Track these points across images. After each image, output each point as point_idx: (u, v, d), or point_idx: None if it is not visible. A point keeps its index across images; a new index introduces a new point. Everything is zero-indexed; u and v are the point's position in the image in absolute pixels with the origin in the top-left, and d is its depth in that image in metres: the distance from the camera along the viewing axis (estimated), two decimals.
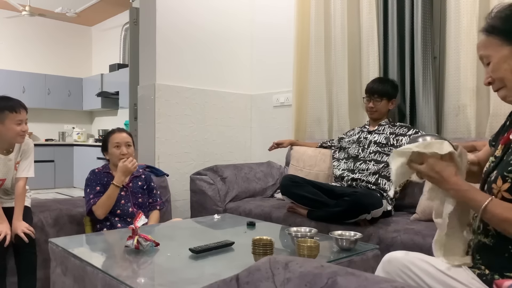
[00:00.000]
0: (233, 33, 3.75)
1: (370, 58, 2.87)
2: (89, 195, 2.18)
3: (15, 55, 7.20)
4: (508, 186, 1.03)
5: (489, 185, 1.10)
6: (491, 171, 1.13)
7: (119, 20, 7.19)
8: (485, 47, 1.13)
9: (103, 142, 2.30)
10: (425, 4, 2.59)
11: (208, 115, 3.55)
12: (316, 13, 3.18)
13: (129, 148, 2.25)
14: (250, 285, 0.72)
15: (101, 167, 2.31)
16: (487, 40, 1.13)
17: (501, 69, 1.10)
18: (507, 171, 1.05)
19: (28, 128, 2.12)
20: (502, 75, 1.10)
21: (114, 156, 2.23)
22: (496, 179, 1.07)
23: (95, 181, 2.22)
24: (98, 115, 8.04)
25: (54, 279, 1.62)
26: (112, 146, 2.23)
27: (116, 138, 2.25)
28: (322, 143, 2.93)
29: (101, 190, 2.18)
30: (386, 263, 1.16)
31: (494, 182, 1.07)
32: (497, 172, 1.08)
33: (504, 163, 1.08)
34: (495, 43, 1.11)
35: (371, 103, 2.57)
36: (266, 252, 1.36)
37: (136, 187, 2.29)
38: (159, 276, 1.34)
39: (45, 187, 6.79)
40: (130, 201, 2.23)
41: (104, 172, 2.26)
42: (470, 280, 1.03)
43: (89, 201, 2.17)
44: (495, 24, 1.11)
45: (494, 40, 1.11)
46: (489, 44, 1.12)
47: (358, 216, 2.09)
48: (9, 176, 2.15)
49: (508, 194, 1.03)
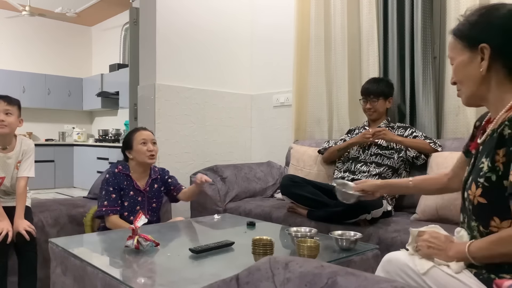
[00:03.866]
0: (233, 33, 3.75)
1: (370, 58, 2.87)
2: (104, 200, 2.09)
3: (15, 55, 7.20)
4: (481, 191, 1.05)
5: (466, 192, 1.12)
6: (467, 178, 1.15)
7: (119, 20, 7.19)
8: (451, 49, 1.18)
9: (126, 141, 2.22)
10: (425, 4, 2.59)
11: (208, 115, 3.55)
12: (316, 13, 3.18)
13: (154, 145, 2.21)
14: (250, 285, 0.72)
15: (121, 166, 2.20)
16: (453, 43, 1.17)
17: (459, 73, 1.15)
18: (479, 176, 1.06)
19: (8, 120, 2.06)
20: (460, 78, 1.16)
21: (140, 153, 2.16)
22: (470, 186, 1.09)
23: (112, 185, 2.12)
24: (98, 115, 8.04)
25: (54, 279, 1.62)
26: (138, 143, 2.16)
27: (142, 135, 2.19)
28: (323, 148, 2.82)
29: (117, 197, 2.11)
30: (386, 263, 1.16)
31: (469, 189, 1.09)
32: (471, 179, 1.10)
33: (476, 169, 1.10)
34: (459, 46, 1.15)
35: (368, 104, 2.57)
36: (266, 252, 1.36)
37: (152, 191, 2.24)
38: (159, 276, 1.34)
39: (45, 187, 6.79)
40: (145, 207, 2.20)
41: (124, 174, 2.17)
42: (469, 279, 1.03)
43: (101, 208, 2.08)
44: (461, 29, 1.15)
45: (458, 44, 1.15)
46: (454, 47, 1.17)
47: (358, 216, 2.09)
48: (8, 175, 2.16)
49: (483, 199, 1.05)
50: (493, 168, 1.03)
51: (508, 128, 1.01)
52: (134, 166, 2.20)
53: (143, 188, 2.20)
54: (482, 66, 1.09)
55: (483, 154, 1.10)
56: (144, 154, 2.16)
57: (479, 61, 1.10)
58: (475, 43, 1.10)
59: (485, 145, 1.11)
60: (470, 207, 1.10)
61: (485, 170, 1.06)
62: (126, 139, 2.23)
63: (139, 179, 2.21)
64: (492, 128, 1.11)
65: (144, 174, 2.23)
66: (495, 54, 1.07)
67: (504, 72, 1.08)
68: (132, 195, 2.16)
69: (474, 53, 1.11)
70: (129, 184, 2.16)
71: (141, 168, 2.21)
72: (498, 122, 1.09)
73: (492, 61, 1.08)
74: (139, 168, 2.20)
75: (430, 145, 2.36)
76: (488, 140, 1.11)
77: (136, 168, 2.20)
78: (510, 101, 1.08)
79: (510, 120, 1.01)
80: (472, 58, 1.11)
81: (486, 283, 1.02)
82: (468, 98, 1.17)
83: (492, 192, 1.04)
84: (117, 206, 2.10)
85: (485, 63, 1.08)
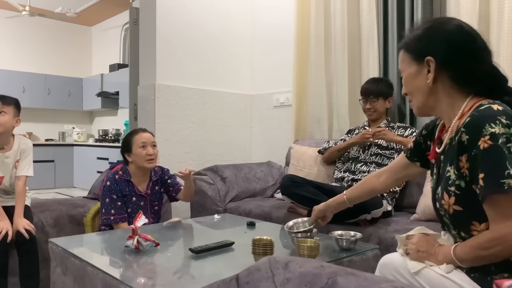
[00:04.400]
0: (233, 33, 3.75)
1: (370, 58, 2.87)
2: (110, 209, 2.04)
3: (15, 55, 7.20)
4: (454, 200, 1.06)
5: (439, 202, 1.12)
6: (436, 188, 1.16)
7: (119, 20, 7.19)
8: (401, 61, 1.22)
9: (125, 143, 2.15)
10: (425, 4, 2.59)
11: (208, 115, 3.55)
12: (316, 13, 3.18)
13: (154, 148, 2.15)
14: (250, 285, 0.72)
15: (120, 171, 2.14)
16: (402, 55, 1.21)
17: (408, 85, 1.19)
18: (448, 185, 1.07)
19: (2, 120, 2.07)
20: (409, 90, 1.20)
21: (140, 157, 2.09)
22: (442, 195, 1.10)
23: (116, 193, 2.07)
24: (98, 115, 8.04)
25: (54, 279, 1.62)
26: (137, 147, 2.09)
27: (142, 137, 2.12)
28: (323, 148, 2.83)
29: (122, 204, 2.07)
30: (382, 266, 1.18)
31: (442, 199, 1.10)
32: (441, 188, 1.11)
33: (443, 178, 1.11)
34: (407, 59, 1.18)
35: (368, 104, 2.57)
36: (266, 252, 1.36)
37: (154, 193, 2.22)
38: (159, 276, 1.34)
39: (45, 187, 6.79)
40: (148, 210, 2.18)
41: (125, 180, 2.12)
42: (461, 277, 1.04)
43: (110, 217, 2.04)
44: (409, 42, 1.18)
45: (406, 56, 1.18)
46: (403, 59, 1.20)
47: (358, 216, 2.09)
48: (7, 174, 2.16)
49: (458, 206, 1.06)
50: (460, 175, 1.05)
51: (465, 134, 1.02)
52: (134, 170, 2.15)
53: (145, 192, 2.17)
54: (429, 78, 1.12)
55: (446, 163, 1.11)
56: (143, 158, 2.10)
57: (426, 73, 1.13)
58: (421, 56, 1.13)
59: (446, 154, 1.13)
60: (447, 216, 1.10)
61: (453, 178, 1.07)
62: (125, 142, 2.16)
63: (140, 183, 2.17)
64: (449, 137, 1.13)
65: (144, 178, 2.19)
66: (441, 66, 1.11)
67: (451, 82, 1.11)
68: (135, 201, 2.13)
69: (421, 65, 1.14)
70: (131, 190, 2.12)
71: (141, 171, 2.16)
72: (454, 130, 1.10)
73: (438, 73, 1.12)
74: (139, 172, 2.15)
75: None
76: (448, 148, 1.12)
77: (136, 172, 2.15)
78: (459, 108, 1.10)
79: (465, 126, 1.03)
80: (419, 70, 1.15)
81: (478, 281, 1.02)
82: (419, 108, 1.20)
83: (465, 198, 1.04)
84: (125, 213, 2.08)
85: (431, 75, 1.12)
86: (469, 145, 1.01)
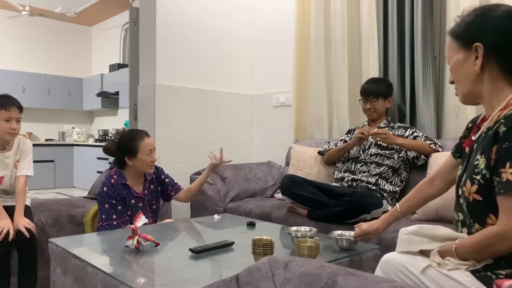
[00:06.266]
0: (233, 33, 3.75)
1: (370, 58, 2.87)
2: (112, 214, 2.02)
3: (15, 55, 7.20)
4: (476, 188, 1.06)
5: (461, 189, 1.13)
6: (462, 175, 1.16)
7: (119, 20, 7.19)
8: (448, 49, 1.21)
9: (128, 148, 2.07)
10: (425, 4, 2.59)
11: (208, 115, 3.55)
12: (316, 13, 3.18)
13: (155, 153, 2.15)
14: (250, 285, 0.72)
15: (115, 175, 2.10)
16: (450, 43, 1.20)
17: (455, 72, 1.19)
18: (474, 173, 1.08)
19: (19, 128, 2.11)
20: (456, 77, 1.19)
21: (145, 163, 2.08)
22: (465, 182, 1.10)
23: (114, 197, 2.04)
24: (98, 115, 8.04)
25: (54, 279, 1.62)
26: (144, 154, 2.06)
27: (149, 144, 2.08)
28: (323, 149, 2.83)
29: (123, 208, 2.06)
30: (384, 264, 1.17)
31: (464, 186, 1.10)
32: (466, 175, 1.11)
33: (471, 166, 1.11)
34: (455, 46, 1.18)
35: (368, 104, 2.57)
36: (266, 252, 1.36)
37: (150, 193, 2.21)
38: (159, 276, 1.34)
39: (45, 187, 6.79)
40: (147, 211, 2.18)
41: (121, 184, 2.09)
42: (465, 277, 1.04)
43: (112, 222, 2.02)
44: (457, 29, 1.18)
45: (454, 43, 1.18)
46: (450, 47, 1.20)
47: (358, 216, 2.09)
48: (7, 174, 2.16)
49: (478, 196, 1.06)
50: (489, 165, 1.05)
51: (503, 126, 1.02)
52: (131, 173, 2.12)
53: (142, 192, 2.16)
54: (476, 64, 1.11)
55: (477, 151, 1.11)
56: (147, 165, 2.09)
57: (474, 60, 1.12)
58: (469, 43, 1.12)
59: (480, 143, 1.13)
60: (465, 204, 1.10)
61: (481, 167, 1.06)
62: (128, 146, 2.08)
63: (136, 184, 2.15)
64: (487, 126, 1.12)
65: (140, 179, 2.18)
66: (489, 53, 1.10)
67: (498, 70, 1.10)
68: (134, 203, 2.12)
69: (469, 52, 1.13)
70: (128, 192, 2.11)
71: (137, 174, 2.15)
72: (493, 120, 1.10)
73: (486, 60, 1.10)
74: (135, 175, 2.14)
75: (431, 147, 2.36)
76: (483, 137, 1.12)
77: (132, 174, 2.13)
78: (505, 99, 1.10)
79: (505, 117, 1.03)
80: (467, 57, 1.14)
81: (483, 281, 1.02)
82: (465, 96, 1.20)
83: (487, 189, 1.04)
84: (126, 216, 2.07)
85: (479, 62, 1.11)
86: (504, 137, 1.01)
